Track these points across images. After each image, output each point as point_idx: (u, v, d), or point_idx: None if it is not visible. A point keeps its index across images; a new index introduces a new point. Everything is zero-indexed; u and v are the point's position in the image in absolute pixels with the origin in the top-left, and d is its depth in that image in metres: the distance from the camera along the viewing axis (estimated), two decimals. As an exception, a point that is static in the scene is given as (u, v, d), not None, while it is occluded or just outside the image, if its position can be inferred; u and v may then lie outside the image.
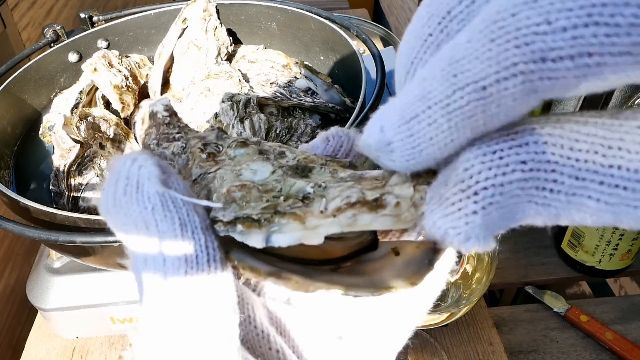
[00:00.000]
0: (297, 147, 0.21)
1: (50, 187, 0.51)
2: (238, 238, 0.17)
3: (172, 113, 0.23)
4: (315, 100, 0.60)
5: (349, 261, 0.19)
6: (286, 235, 0.16)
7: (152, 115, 0.23)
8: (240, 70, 0.63)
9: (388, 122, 0.15)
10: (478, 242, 0.15)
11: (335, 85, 0.61)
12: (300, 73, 0.63)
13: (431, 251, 0.17)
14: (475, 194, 0.14)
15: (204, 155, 0.20)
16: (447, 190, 0.15)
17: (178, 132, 0.22)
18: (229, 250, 0.17)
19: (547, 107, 0.68)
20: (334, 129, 0.22)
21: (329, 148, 0.21)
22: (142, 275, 0.16)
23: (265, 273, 0.16)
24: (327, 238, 0.16)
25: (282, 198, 0.17)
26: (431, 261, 0.17)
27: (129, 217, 0.16)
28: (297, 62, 0.64)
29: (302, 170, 0.19)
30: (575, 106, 1.14)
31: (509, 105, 0.13)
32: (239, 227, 0.17)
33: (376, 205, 0.16)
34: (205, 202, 0.16)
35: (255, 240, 0.16)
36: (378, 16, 2.04)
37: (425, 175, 0.17)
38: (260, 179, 0.18)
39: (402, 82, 0.16)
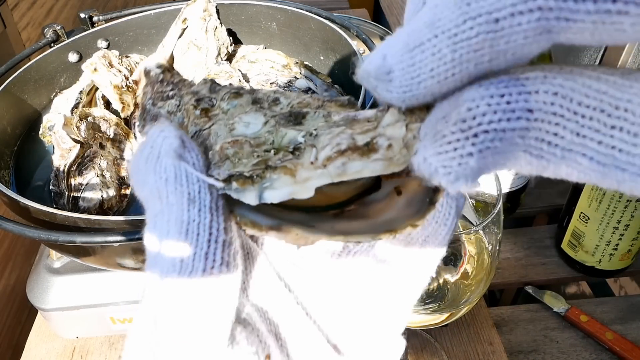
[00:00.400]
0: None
1: (50, 187, 0.51)
2: (234, 196, 0.17)
3: (165, 69, 0.23)
4: (315, 100, 0.60)
5: (352, 204, 0.18)
6: (277, 190, 0.16)
7: (146, 73, 0.23)
8: (240, 70, 0.63)
9: (392, 50, 0.15)
10: (466, 184, 0.15)
11: (335, 85, 0.61)
12: (300, 73, 0.63)
13: (432, 189, 0.17)
14: (475, 136, 0.14)
15: (197, 112, 0.20)
16: (445, 128, 0.14)
17: (172, 90, 0.22)
18: (233, 206, 0.17)
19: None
20: None
21: None
22: (147, 239, 0.17)
23: (267, 227, 0.16)
24: (328, 184, 0.16)
25: (272, 152, 0.17)
26: (432, 200, 0.17)
27: (146, 184, 0.16)
28: (297, 62, 0.64)
29: (296, 118, 0.18)
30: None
31: (518, 43, 0.13)
32: (234, 184, 0.17)
33: (367, 149, 0.16)
34: (212, 181, 0.16)
35: (250, 197, 0.16)
36: (378, 16, 2.04)
37: (418, 112, 0.16)
38: (253, 132, 0.18)
39: (409, 20, 0.15)
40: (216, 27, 0.64)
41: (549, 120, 0.14)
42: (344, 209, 0.18)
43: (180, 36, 0.63)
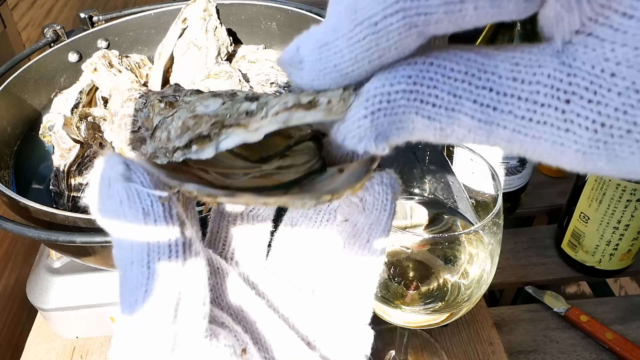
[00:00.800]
0: None
1: (50, 187, 0.51)
2: (194, 157, 0.18)
3: (133, 81, 0.25)
4: (315, 100, 0.60)
5: (299, 184, 0.20)
6: (231, 138, 0.18)
7: (115, 87, 0.25)
8: (240, 70, 0.63)
9: (304, 44, 0.18)
10: (369, 144, 0.18)
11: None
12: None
13: (369, 162, 0.19)
14: (367, 100, 0.17)
15: (162, 105, 0.22)
16: (351, 103, 0.18)
17: (139, 94, 0.24)
18: (184, 183, 0.18)
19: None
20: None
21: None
22: (116, 260, 0.18)
23: (221, 195, 0.18)
24: (279, 168, 0.19)
25: (228, 115, 0.19)
26: (368, 169, 0.19)
27: (105, 210, 0.18)
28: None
29: (251, 99, 0.20)
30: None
31: (396, 39, 0.16)
32: (194, 147, 0.18)
33: (310, 105, 0.18)
34: (159, 192, 0.18)
35: (208, 152, 0.18)
36: (378, 16, 2.04)
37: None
38: (212, 110, 0.20)
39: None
40: (216, 27, 0.64)
41: (427, 84, 0.16)
42: (291, 188, 0.20)
43: (180, 36, 0.63)
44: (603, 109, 0.14)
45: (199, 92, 0.22)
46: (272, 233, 0.25)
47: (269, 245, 0.25)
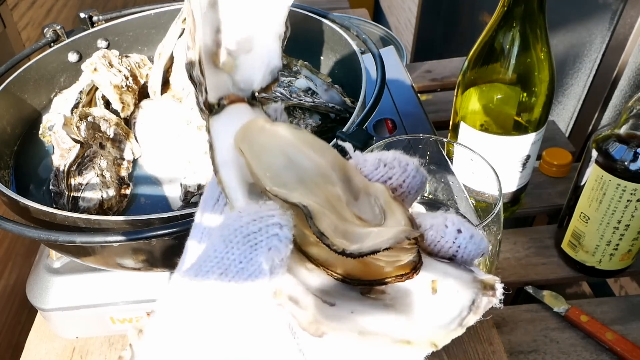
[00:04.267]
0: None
1: (50, 187, 0.51)
2: None
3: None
4: (316, 100, 0.60)
5: (387, 283, 0.17)
6: None
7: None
8: (240, 70, 0.63)
9: None
10: None
11: (335, 85, 0.61)
12: (300, 73, 0.63)
13: (471, 302, 0.16)
14: None
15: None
16: None
17: None
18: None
19: (548, 108, 0.68)
20: (391, 155, 0.20)
21: (376, 174, 0.20)
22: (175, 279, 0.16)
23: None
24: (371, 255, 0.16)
25: None
26: (463, 320, 0.16)
27: (222, 247, 0.15)
28: (297, 62, 0.64)
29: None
30: (575, 106, 1.14)
31: None
32: None
33: None
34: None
35: None
36: (378, 16, 2.04)
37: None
38: None
39: None
40: (216, 27, 0.64)
41: None
42: (374, 287, 0.17)
43: (180, 36, 0.63)
44: None
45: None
46: None
47: None
